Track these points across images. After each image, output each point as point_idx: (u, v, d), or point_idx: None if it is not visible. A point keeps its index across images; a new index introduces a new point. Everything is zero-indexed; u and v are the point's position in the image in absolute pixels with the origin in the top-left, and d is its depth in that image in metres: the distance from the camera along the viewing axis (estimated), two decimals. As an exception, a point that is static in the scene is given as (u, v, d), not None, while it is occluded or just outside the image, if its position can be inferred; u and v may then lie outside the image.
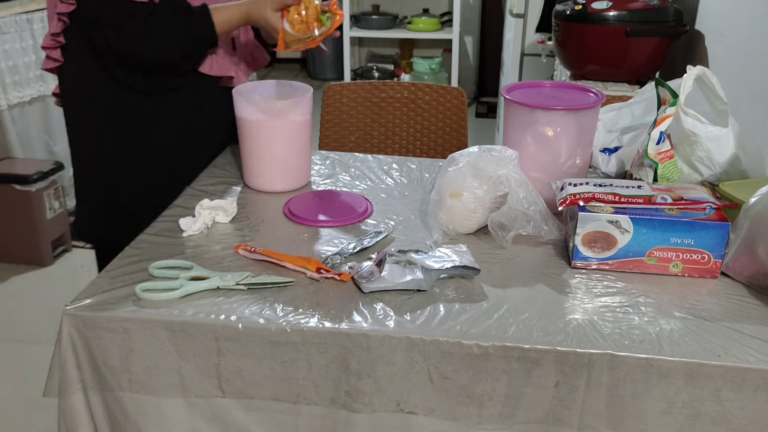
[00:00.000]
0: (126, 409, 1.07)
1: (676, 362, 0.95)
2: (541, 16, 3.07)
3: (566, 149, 1.33)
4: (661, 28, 2.25)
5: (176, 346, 1.03)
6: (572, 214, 1.19)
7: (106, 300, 1.05)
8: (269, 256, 1.17)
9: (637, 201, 1.17)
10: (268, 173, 1.44)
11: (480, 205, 1.24)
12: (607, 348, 0.97)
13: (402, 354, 1.00)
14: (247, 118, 1.38)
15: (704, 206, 1.15)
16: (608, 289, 1.12)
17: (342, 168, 1.58)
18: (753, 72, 1.85)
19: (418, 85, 2.16)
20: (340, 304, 1.06)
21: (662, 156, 1.34)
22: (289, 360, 1.02)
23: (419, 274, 1.09)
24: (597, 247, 1.16)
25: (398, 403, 1.02)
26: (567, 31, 2.38)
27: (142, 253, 1.19)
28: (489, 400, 1.00)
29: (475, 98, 5.33)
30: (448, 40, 4.72)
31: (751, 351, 0.97)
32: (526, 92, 1.39)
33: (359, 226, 1.31)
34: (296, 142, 1.43)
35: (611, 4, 2.24)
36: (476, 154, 1.27)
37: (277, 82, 1.51)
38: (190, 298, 1.07)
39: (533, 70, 3.43)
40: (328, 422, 1.05)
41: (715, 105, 1.44)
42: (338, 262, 1.17)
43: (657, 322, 1.03)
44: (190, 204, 1.37)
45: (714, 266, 1.15)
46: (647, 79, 2.29)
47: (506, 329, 1.01)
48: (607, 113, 1.63)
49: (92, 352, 1.05)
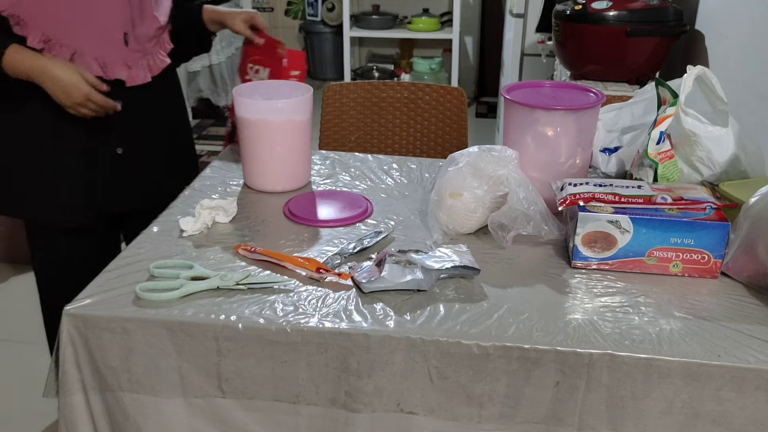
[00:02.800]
0: (126, 409, 1.07)
1: (676, 362, 0.95)
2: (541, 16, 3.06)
3: (566, 149, 1.32)
4: (661, 28, 2.25)
5: (176, 346, 1.03)
6: (572, 214, 1.19)
7: (106, 300, 1.05)
8: (269, 256, 1.16)
9: (637, 201, 1.17)
10: (268, 173, 1.44)
11: (480, 205, 1.24)
12: (607, 348, 0.97)
13: (402, 354, 0.99)
14: (247, 118, 1.38)
15: (704, 206, 1.15)
16: (608, 289, 1.12)
17: (342, 168, 1.58)
18: (753, 72, 1.85)
19: (418, 85, 2.16)
20: (340, 304, 1.06)
21: (662, 156, 1.34)
22: (289, 360, 1.02)
23: (419, 274, 1.09)
24: (597, 247, 1.16)
25: (398, 403, 1.02)
26: (567, 31, 2.38)
27: (142, 253, 1.19)
28: (489, 400, 1.00)
29: (475, 98, 5.33)
30: (448, 40, 4.71)
31: (751, 351, 0.97)
32: (526, 92, 1.39)
33: (359, 226, 1.31)
34: (296, 142, 1.43)
35: (611, 4, 2.24)
36: (476, 154, 1.27)
37: (277, 82, 1.51)
38: (190, 298, 1.07)
39: (533, 70, 3.43)
40: (328, 422, 1.05)
41: (715, 105, 1.44)
42: (338, 262, 1.17)
43: (657, 322, 1.03)
44: (190, 204, 1.37)
45: (714, 266, 1.15)
46: (647, 79, 2.29)
47: (506, 329, 1.01)
48: (607, 113, 1.63)
49: (92, 352, 1.05)
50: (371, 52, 5.48)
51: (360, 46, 5.47)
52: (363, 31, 4.83)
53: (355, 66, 5.16)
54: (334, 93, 2.14)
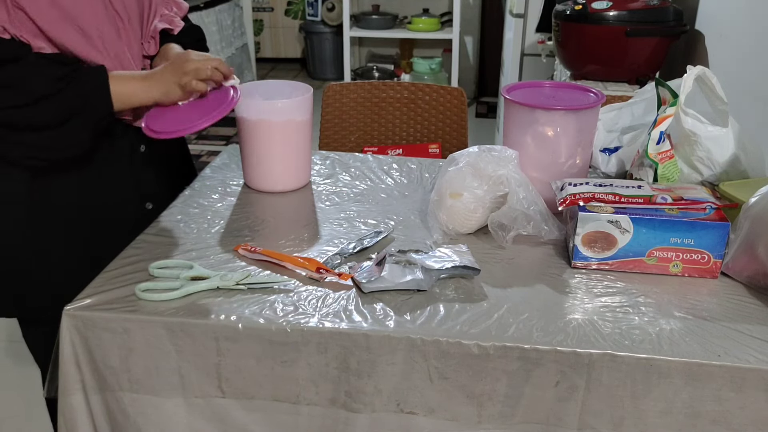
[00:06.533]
0: (126, 409, 1.07)
1: (676, 362, 0.95)
2: (541, 16, 3.07)
3: (566, 149, 1.32)
4: (661, 28, 2.25)
5: (176, 346, 1.03)
6: (572, 214, 1.19)
7: (106, 300, 1.05)
8: (269, 256, 1.16)
9: (637, 201, 1.17)
10: (268, 173, 1.44)
11: (480, 205, 1.24)
12: (607, 348, 0.97)
13: (402, 354, 0.99)
14: (247, 118, 1.38)
15: (704, 206, 1.15)
16: (608, 289, 1.12)
17: (342, 168, 1.58)
18: (753, 72, 1.85)
19: (418, 85, 2.16)
20: (340, 304, 1.06)
21: (662, 156, 1.34)
22: (289, 360, 1.02)
23: (419, 274, 1.09)
24: (597, 247, 1.16)
25: (398, 403, 1.02)
26: (567, 31, 2.38)
27: (142, 253, 1.19)
28: (489, 400, 1.00)
29: (475, 98, 5.33)
30: (448, 40, 4.72)
31: (751, 351, 0.97)
32: (526, 92, 1.39)
33: (359, 226, 1.31)
34: (296, 142, 1.43)
35: (611, 4, 2.24)
36: (476, 154, 1.27)
37: (277, 82, 1.51)
38: (190, 298, 1.07)
39: (533, 70, 3.43)
40: (328, 422, 1.05)
41: (715, 105, 1.44)
42: (338, 262, 1.17)
43: (657, 322, 1.03)
44: (190, 204, 1.37)
45: (714, 266, 1.15)
46: (647, 79, 2.29)
47: (506, 329, 1.01)
48: (607, 113, 1.63)
49: (92, 352, 1.05)
50: (371, 52, 5.48)
51: (360, 46, 5.47)
52: (363, 31, 4.84)
53: (355, 66, 5.16)
54: (334, 93, 2.14)
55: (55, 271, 1.29)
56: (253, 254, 1.18)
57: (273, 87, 1.50)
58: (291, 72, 5.97)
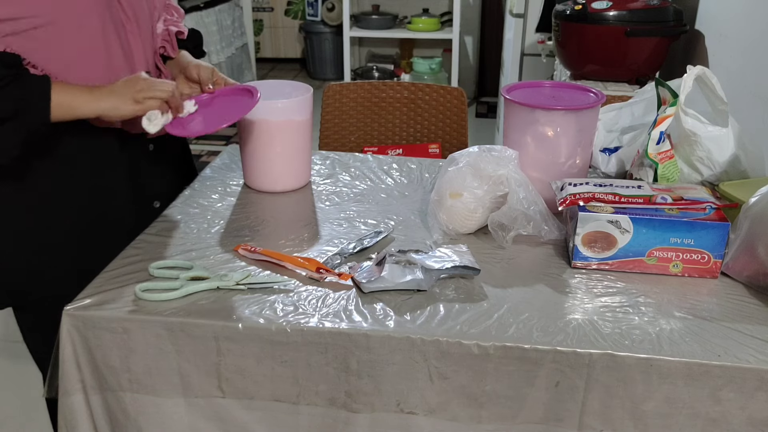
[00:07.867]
0: (126, 409, 1.07)
1: (676, 362, 0.95)
2: (541, 16, 3.06)
3: (566, 149, 1.33)
4: (661, 28, 2.25)
5: (176, 346, 1.03)
6: (572, 214, 1.19)
7: (106, 300, 1.05)
8: (269, 256, 1.16)
9: (637, 201, 1.17)
10: (268, 173, 1.44)
11: (480, 205, 1.24)
12: (607, 348, 0.97)
13: (402, 354, 1.00)
14: (248, 117, 1.38)
15: (704, 206, 1.15)
16: (608, 289, 1.12)
17: (342, 168, 1.58)
18: (753, 72, 1.85)
19: (418, 85, 2.16)
20: (340, 304, 1.06)
21: (662, 156, 1.34)
22: (289, 360, 1.02)
23: (419, 274, 1.09)
24: (597, 247, 1.16)
25: (398, 403, 1.02)
26: (567, 31, 2.38)
27: (142, 253, 1.19)
28: (489, 400, 1.00)
29: (475, 98, 5.33)
30: (448, 40, 4.72)
31: (751, 351, 0.97)
32: (526, 92, 1.39)
33: (359, 226, 1.31)
34: (296, 142, 1.43)
35: (611, 4, 2.24)
36: (476, 154, 1.27)
37: (277, 82, 1.51)
38: (190, 298, 1.06)
39: (533, 70, 3.43)
40: (328, 422, 1.05)
41: (715, 105, 1.44)
42: (338, 262, 1.17)
43: (657, 322, 1.03)
44: (191, 204, 1.37)
45: (714, 266, 1.15)
46: (647, 79, 2.29)
47: (506, 329, 1.01)
48: (607, 113, 1.63)
49: (92, 352, 1.05)
50: (371, 52, 5.48)
51: (360, 46, 5.47)
52: (363, 31, 4.84)
53: (355, 66, 5.16)
54: (334, 93, 2.14)
55: (59, 268, 1.29)
56: (253, 254, 1.18)
57: (273, 87, 1.49)
58: (291, 72, 5.97)
